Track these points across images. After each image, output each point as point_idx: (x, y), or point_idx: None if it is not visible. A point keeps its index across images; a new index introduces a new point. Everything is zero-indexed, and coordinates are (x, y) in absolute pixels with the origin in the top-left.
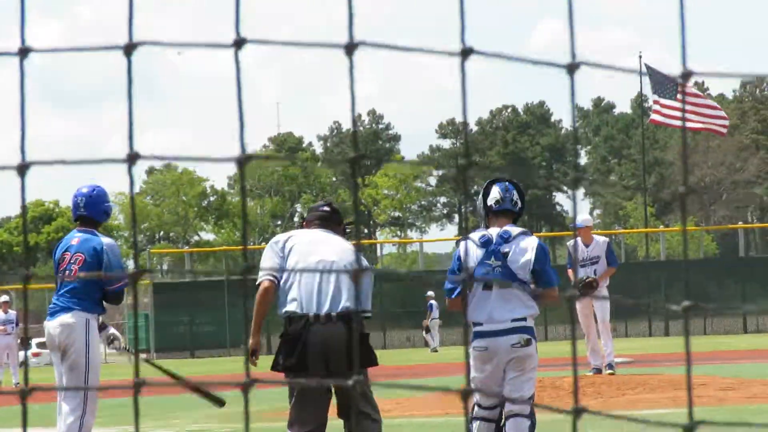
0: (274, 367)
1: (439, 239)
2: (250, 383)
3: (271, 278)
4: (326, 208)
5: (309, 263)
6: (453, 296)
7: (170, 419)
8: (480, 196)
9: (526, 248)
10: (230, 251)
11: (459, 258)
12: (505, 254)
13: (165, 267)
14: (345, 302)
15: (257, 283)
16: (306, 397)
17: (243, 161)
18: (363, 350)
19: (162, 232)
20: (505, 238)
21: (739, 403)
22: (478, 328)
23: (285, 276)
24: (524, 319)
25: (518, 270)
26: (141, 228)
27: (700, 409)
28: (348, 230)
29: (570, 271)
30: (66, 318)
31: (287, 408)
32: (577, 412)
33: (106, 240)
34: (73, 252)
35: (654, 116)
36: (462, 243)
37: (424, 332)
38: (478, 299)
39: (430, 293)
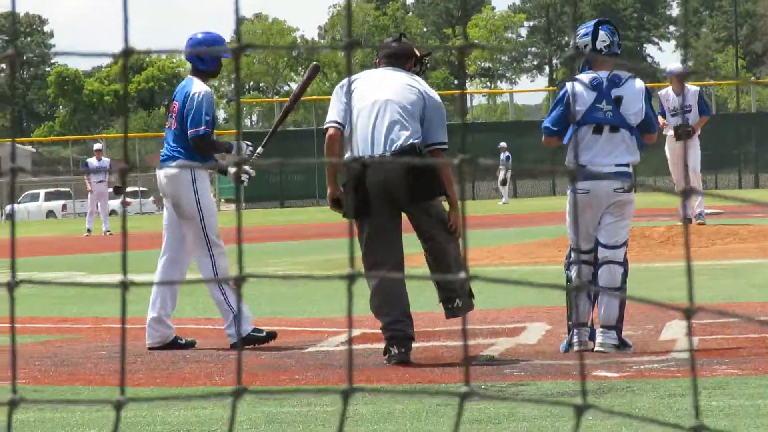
0: (344, 215)
1: (530, 89)
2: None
3: (335, 125)
4: (394, 44)
5: (365, 105)
6: (565, 140)
7: (260, 266)
8: (580, 38)
9: (638, 94)
10: (320, 101)
11: (564, 99)
12: (618, 99)
13: (255, 117)
14: (401, 140)
15: (324, 129)
16: (376, 240)
17: None
18: (427, 181)
19: (252, 82)
20: (616, 83)
21: None
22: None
23: (348, 120)
24: (627, 165)
25: (630, 116)
26: (230, 78)
27: None
28: (426, 63)
29: (661, 119)
30: (169, 170)
31: None
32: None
33: (196, 87)
34: (174, 100)
35: None
36: (569, 84)
37: (500, 184)
38: (586, 142)
39: (503, 144)
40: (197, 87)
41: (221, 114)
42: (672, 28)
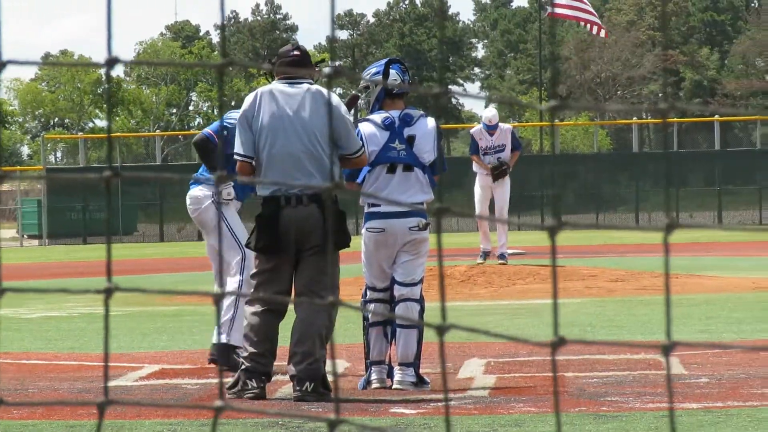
0: (247, 245)
1: None
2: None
3: (244, 160)
4: (296, 54)
5: (277, 151)
6: (359, 180)
7: (60, 302)
8: (371, 76)
9: (429, 132)
10: (124, 138)
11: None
12: (411, 138)
13: (59, 153)
14: (317, 182)
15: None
16: (270, 277)
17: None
18: (337, 230)
19: (57, 119)
20: (408, 121)
21: (628, 294)
22: (374, 209)
23: (257, 156)
24: (422, 203)
25: (423, 155)
26: (35, 114)
27: (589, 300)
28: (318, 69)
29: (474, 158)
30: (193, 191)
31: None
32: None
33: (230, 114)
34: None
35: (553, 9)
36: (362, 125)
37: None
38: (380, 182)
39: None
40: (230, 114)
41: (25, 150)
42: (477, 69)
